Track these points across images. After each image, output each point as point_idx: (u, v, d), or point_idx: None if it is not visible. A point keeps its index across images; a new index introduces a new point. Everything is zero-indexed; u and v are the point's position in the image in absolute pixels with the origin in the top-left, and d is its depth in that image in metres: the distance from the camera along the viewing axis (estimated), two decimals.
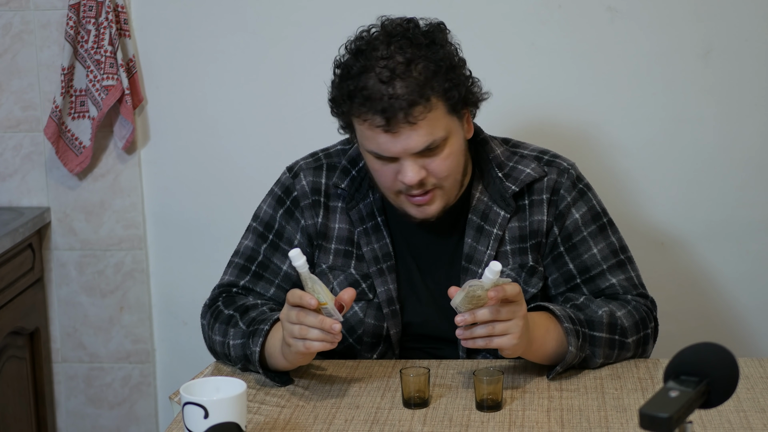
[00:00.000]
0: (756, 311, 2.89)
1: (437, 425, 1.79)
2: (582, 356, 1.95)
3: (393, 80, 1.86)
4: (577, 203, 2.08)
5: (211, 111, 2.93)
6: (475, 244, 2.05)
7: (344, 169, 2.09)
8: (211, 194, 2.96)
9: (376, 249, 2.07)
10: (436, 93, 1.89)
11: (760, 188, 2.82)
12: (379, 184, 2.00)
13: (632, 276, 2.09)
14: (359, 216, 2.07)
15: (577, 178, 2.10)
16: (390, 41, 1.90)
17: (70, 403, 3.11)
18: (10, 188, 3.01)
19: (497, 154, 2.08)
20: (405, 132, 1.88)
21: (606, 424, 1.78)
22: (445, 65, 1.91)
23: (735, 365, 1.34)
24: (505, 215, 2.05)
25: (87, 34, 2.85)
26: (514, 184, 2.05)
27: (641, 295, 2.08)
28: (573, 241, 2.06)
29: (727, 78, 2.77)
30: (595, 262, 2.06)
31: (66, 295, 3.06)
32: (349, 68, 1.91)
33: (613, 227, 2.12)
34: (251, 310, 2.03)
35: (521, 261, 2.06)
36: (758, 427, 1.76)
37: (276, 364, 1.95)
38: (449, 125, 1.93)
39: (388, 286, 2.06)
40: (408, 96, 1.86)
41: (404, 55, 1.88)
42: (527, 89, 2.82)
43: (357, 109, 1.89)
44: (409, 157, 1.91)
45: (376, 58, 1.89)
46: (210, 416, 1.62)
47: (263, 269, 2.11)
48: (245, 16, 2.86)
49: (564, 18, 2.78)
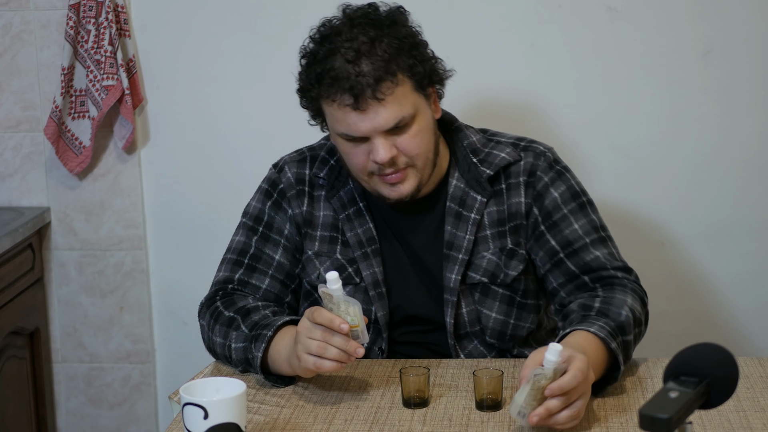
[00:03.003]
0: (756, 311, 2.89)
1: (437, 425, 1.79)
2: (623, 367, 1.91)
3: (359, 59, 1.91)
4: (555, 183, 2.09)
5: (211, 111, 2.93)
6: (455, 231, 2.07)
7: (323, 159, 2.14)
8: (211, 194, 2.96)
9: (360, 234, 2.09)
10: (402, 69, 1.93)
11: (760, 188, 2.82)
12: (351, 167, 2.02)
13: (614, 252, 2.09)
14: (341, 203, 2.11)
15: (554, 160, 2.11)
16: (352, 24, 1.95)
17: (70, 403, 3.11)
18: (10, 188, 3.01)
19: (472, 141, 2.11)
20: (373, 109, 1.91)
21: (606, 424, 1.78)
22: (408, 42, 1.96)
23: (735, 366, 1.34)
24: (482, 200, 2.07)
25: (87, 34, 2.85)
26: (489, 168, 2.07)
27: (625, 269, 2.07)
28: (553, 219, 2.07)
29: (726, 78, 2.77)
30: (578, 237, 2.06)
31: (66, 295, 3.06)
32: (315, 54, 1.96)
33: (593, 207, 2.12)
34: (253, 313, 2.03)
35: (501, 245, 2.08)
36: (758, 426, 1.76)
37: (279, 370, 1.95)
38: (416, 102, 1.97)
39: (373, 269, 2.08)
40: (374, 72, 1.90)
41: (367, 35, 1.93)
42: (527, 89, 2.82)
43: (326, 91, 1.93)
44: (379, 135, 1.94)
45: (340, 41, 1.93)
46: (210, 417, 1.62)
47: (256, 261, 2.13)
48: (245, 16, 2.86)
49: (564, 18, 2.78)
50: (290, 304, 2.15)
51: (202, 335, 2.11)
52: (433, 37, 2.09)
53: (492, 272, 2.06)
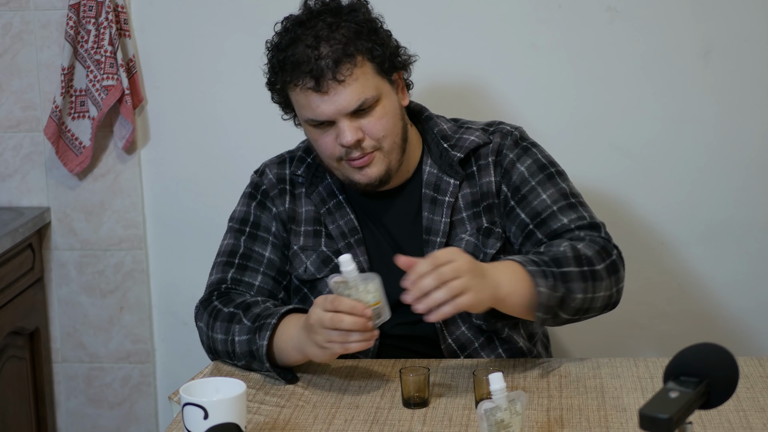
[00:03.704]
0: (756, 311, 2.88)
1: (437, 425, 1.79)
2: (559, 296, 1.91)
3: (318, 44, 1.98)
4: (521, 158, 2.12)
5: (211, 111, 2.93)
6: (431, 215, 2.11)
7: (300, 158, 2.20)
8: (212, 194, 2.96)
9: (342, 225, 2.13)
10: (361, 51, 1.99)
11: (760, 188, 2.82)
12: (322, 155, 2.07)
13: (584, 215, 2.07)
14: (320, 198, 2.15)
15: (521, 138, 2.15)
16: (312, 14, 2.03)
17: (70, 403, 3.11)
18: (10, 188, 3.01)
19: (442, 128, 2.16)
20: (334, 90, 1.97)
21: (606, 424, 1.78)
22: (367, 27, 2.02)
23: (735, 366, 1.34)
24: (455, 182, 2.11)
25: (87, 34, 2.85)
26: (459, 151, 2.12)
27: (593, 227, 2.06)
28: (522, 192, 2.09)
29: (727, 78, 2.77)
30: (545, 206, 2.07)
31: (66, 295, 3.06)
32: (278, 45, 2.04)
33: (563, 176, 2.13)
34: (253, 307, 2.04)
35: (477, 225, 2.11)
36: (758, 426, 1.76)
37: (286, 360, 1.96)
38: (379, 86, 2.02)
39: (358, 258, 2.10)
40: (333, 54, 1.97)
41: (326, 22, 2.00)
42: (527, 89, 2.82)
43: (288, 76, 2.00)
44: (344, 118, 1.99)
45: (301, 30, 2.01)
46: (210, 417, 1.62)
47: (246, 260, 2.16)
48: (245, 16, 2.86)
49: (564, 18, 2.78)
50: (283, 300, 2.16)
51: (201, 337, 2.11)
52: (433, 36, 2.11)
53: (471, 253, 2.05)
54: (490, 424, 1.62)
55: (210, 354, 2.11)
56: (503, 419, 1.62)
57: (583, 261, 1.96)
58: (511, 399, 1.64)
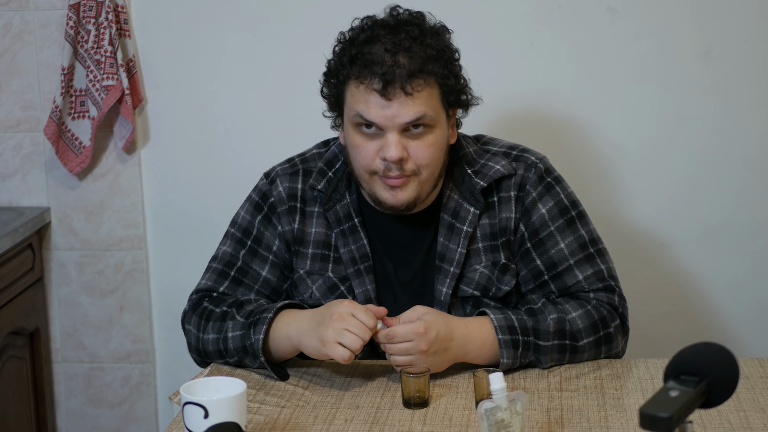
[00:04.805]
0: (755, 311, 2.89)
1: (437, 425, 1.79)
2: (526, 362, 1.99)
3: (397, 52, 1.92)
4: (543, 198, 2.07)
5: (211, 111, 2.93)
6: (447, 243, 2.06)
7: (321, 171, 2.10)
8: (211, 194, 2.96)
9: (354, 250, 2.07)
10: (435, 74, 1.95)
11: (760, 188, 2.82)
12: (357, 162, 1.99)
13: (601, 269, 2.06)
14: (336, 217, 2.08)
15: (546, 171, 2.09)
16: (398, 23, 1.97)
17: (70, 403, 3.11)
18: (10, 188, 3.01)
19: (467, 152, 2.10)
20: (398, 100, 1.92)
21: (606, 424, 1.78)
22: (447, 54, 1.97)
23: (735, 365, 1.34)
24: (475, 212, 2.05)
25: (87, 34, 2.85)
26: (483, 179, 2.06)
27: (608, 289, 2.05)
28: (540, 236, 2.06)
29: (726, 78, 2.77)
30: (562, 257, 2.05)
31: (66, 295, 3.06)
32: (354, 39, 1.97)
33: (584, 220, 2.10)
34: (246, 304, 2.03)
35: (494, 259, 2.06)
36: (758, 426, 1.76)
37: (282, 354, 1.96)
38: (439, 114, 1.97)
39: (366, 286, 2.07)
40: (410, 66, 1.92)
41: (411, 34, 1.95)
42: (527, 89, 2.82)
43: (357, 71, 1.93)
44: (395, 131, 1.93)
45: (383, 33, 1.95)
46: (210, 416, 1.62)
47: (242, 275, 2.12)
48: (245, 16, 2.86)
49: (564, 18, 2.78)
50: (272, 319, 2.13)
51: (189, 340, 2.09)
52: None
53: (484, 285, 2.05)
54: (490, 424, 1.63)
55: (197, 356, 2.09)
56: (503, 419, 1.64)
57: (566, 335, 1.99)
58: (512, 399, 1.65)
